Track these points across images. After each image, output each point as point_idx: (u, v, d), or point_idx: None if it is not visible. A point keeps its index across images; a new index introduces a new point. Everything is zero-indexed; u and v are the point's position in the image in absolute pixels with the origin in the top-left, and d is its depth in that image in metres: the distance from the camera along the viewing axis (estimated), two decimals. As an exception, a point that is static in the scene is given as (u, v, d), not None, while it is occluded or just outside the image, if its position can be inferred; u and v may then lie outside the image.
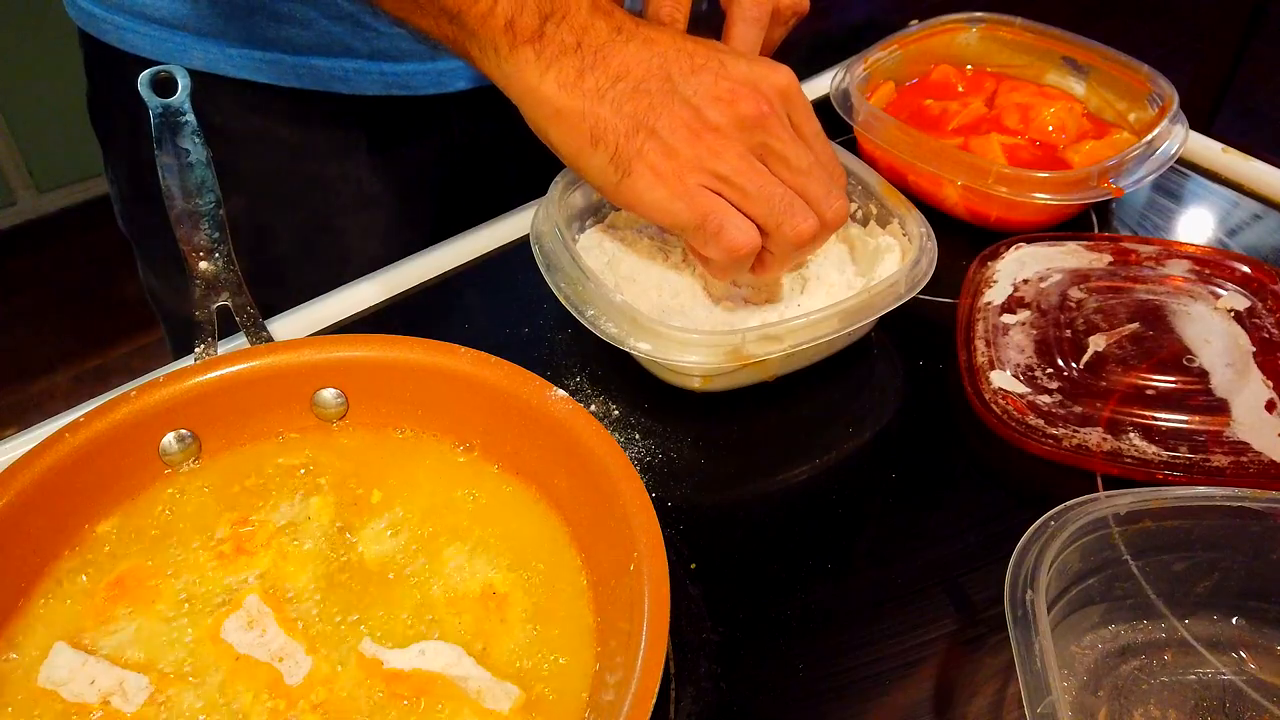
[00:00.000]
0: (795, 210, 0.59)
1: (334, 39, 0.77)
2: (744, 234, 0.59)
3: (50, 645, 0.48)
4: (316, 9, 0.75)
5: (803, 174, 0.60)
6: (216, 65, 0.77)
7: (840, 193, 0.62)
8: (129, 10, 0.77)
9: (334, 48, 0.78)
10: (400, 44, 0.78)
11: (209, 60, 0.77)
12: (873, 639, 0.54)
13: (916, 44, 0.90)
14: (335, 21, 0.76)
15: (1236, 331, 0.67)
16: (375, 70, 0.79)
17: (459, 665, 0.47)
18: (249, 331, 0.63)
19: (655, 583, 0.45)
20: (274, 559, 0.52)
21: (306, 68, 0.78)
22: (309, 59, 0.78)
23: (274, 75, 0.78)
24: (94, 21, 0.79)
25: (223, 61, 0.77)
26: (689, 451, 0.63)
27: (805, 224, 0.60)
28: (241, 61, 0.77)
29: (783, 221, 0.59)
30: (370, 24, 0.77)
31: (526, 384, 0.55)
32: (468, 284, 0.77)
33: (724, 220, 0.58)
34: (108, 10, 0.78)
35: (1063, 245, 0.74)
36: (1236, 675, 0.51)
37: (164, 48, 0.77)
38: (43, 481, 0.51)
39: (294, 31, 0.76)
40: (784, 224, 0.59)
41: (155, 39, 0.77)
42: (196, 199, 0.61)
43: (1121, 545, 0.51)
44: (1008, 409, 0.62)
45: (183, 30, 0.76)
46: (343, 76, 0.79)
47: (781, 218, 0.59)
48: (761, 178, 0.59)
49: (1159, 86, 0.81)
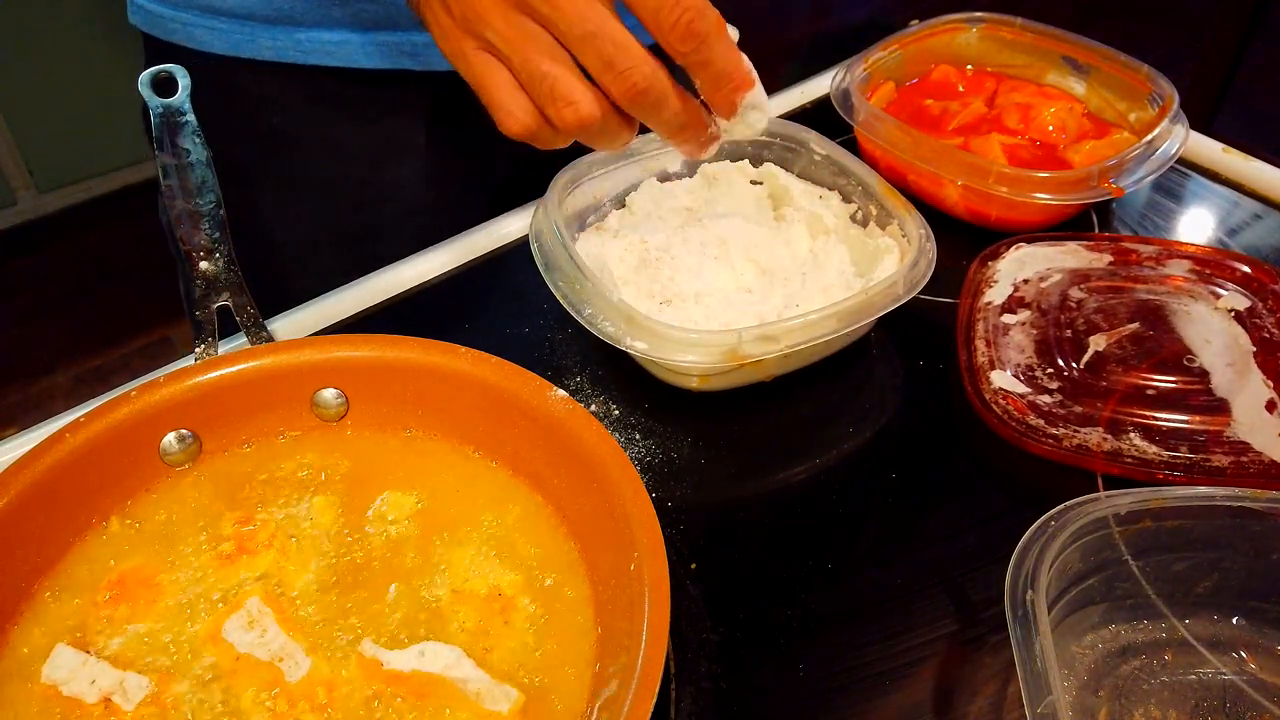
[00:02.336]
0: (557, 93, 0.51)
1: (402, 11, 0.74)
2: (511, 117, 0.52)
3: (51, 645, 0.48)
4: None
5: (574, 42, 0.50)
6: (286, 54, 0.77)
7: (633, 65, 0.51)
8: (197, 6, 0.77)
9: (403, 21, 0.77)
10: None
11: (278, 49, 0.77)
12: (873, 639, 0.54)
13: (916, 44, 0.90)
14: None
15: (1237, 331, 0.67)
16: None
17: (458, 667, 0.47)
18: (249, 331, 0.63)
19: (655, 583, 0.45)
20: (274, 559, 0.52)
21: (375, 45, 0.77)
22: (378, 34, 0.77)
23: (344, 58, 0.78)
24: (160, 22, 0.79)
25: (291, 49, 0.77)
26: (689, 451, 0.63)
27: (567, 110, 0.51)
28: (310, 46, 0.77)
29: (545, 105, 0.51)
30: None
31: (526, 384, 0.55)
32: (468, 284, 0.77)
33: (490, 97, 0.52)
34: (174, 9, 0.78)
35: (1063, 245, 0.74)
36: (1237, 675, 0.51)
37: (233, 39, 0.77)
38: (43, 481, 0.51)
39: (362, 5, 0.76)
40: (546, 108, 0.51)
41: (224, 32, 0.77)
42: (196, 199, 0.61)
43: (1122, 545, 0.51)
44: (1008, 409, 0.62)
45: (251, 20, 0.76)
46: (412, 51, 0.78)
47: (543, 101, 0.51)
48: (526, 48, 0.50)
49: (1159, 86, 0.81)
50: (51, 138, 2.21)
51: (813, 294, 0.67)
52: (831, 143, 0.74)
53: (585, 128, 0.52)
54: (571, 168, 0.71)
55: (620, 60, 0.50)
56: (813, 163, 0.76)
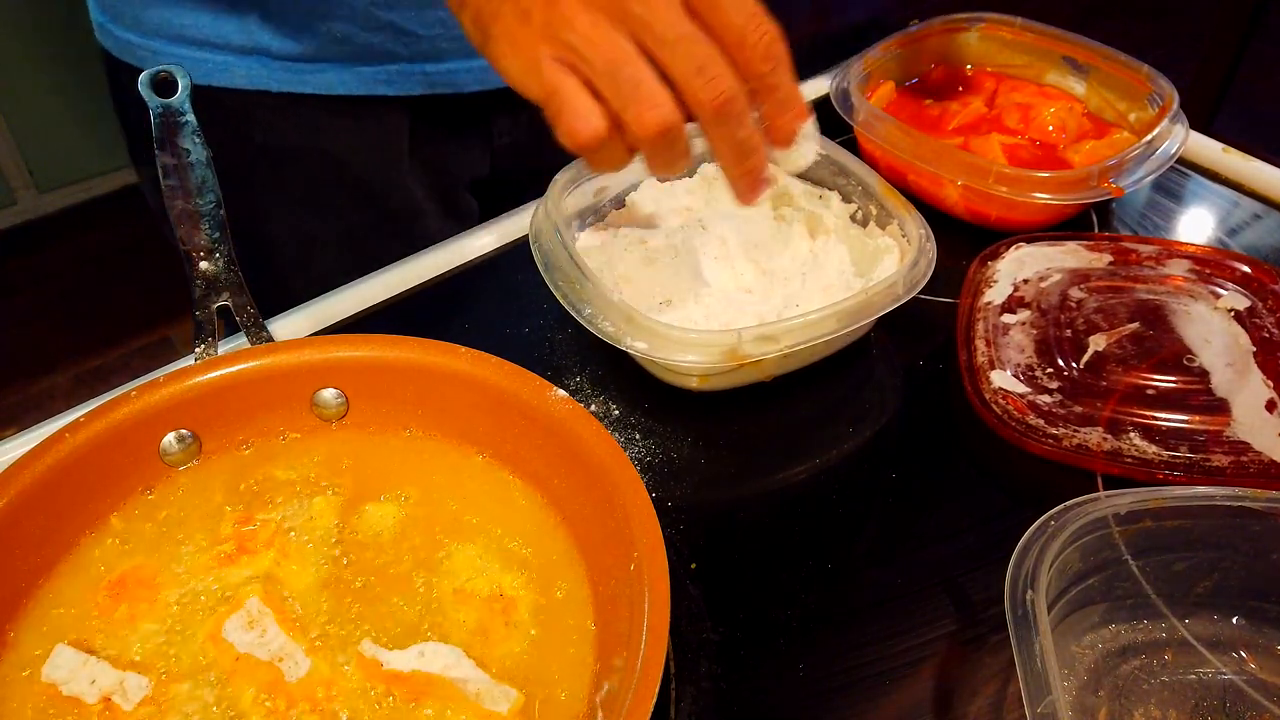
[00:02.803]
0: (640, 95, 0.50)
1: (375, 48, 0.77)
2: (583, 121, 0.51)
3: (52, 645, 0.48)
4: (355, 24, 0.76)
5: (667, 46, 0.50)
6: (261, 82, 0.78)
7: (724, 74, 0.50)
8: (169, 35, 0.76)
9: (376, 55, 0.78)
10: (440, 44, 0.79)
11: (253, 78, 0.77)
12: (873, 639, 0.54)
13: (916, 44, 0.90)
14: (374, 32, 0.76)
15: (1236, 331, 0.67)
16: (418, 71, 0.80)
17: (458, 667, 0.47)
18: (249, 331, 0.63)
19: (655, 583, 0.45)
20: (275, 559, 0.52)
21: (351, 73, 0.78)
22: (353, 66, 0.78)
23: (319, 85, 0.78)
24: (129, 49, 0.79)
25: (266, 78, 0.77)
26: (689, 451, 0.63)
27: (651, 113, 0.50)
28: (285, 76, 0.78)
29: (626, 107, 0.50)
30: (410, 29, 0.77)
31: (526, 384, 0.55)
32: (468, 284, 0.77)
33: (564, 103, 0.51)
34: (145, 37, 0.77)
35: (1063, 245, 0.74)
36: (1237, 675, 0.51)
37: (205, 68, 0.77)
38: (43, 481, 0.51)
39: (336, 48, 0.77)
40: (627, 110, 0.50)
41: (197, 60, 0.77)
42: (196, 199, 0.61)
43: (1122, 545, 0.51)
44: (1008, 409, 0.62)
45: (225, 50, 0.76)
46: (386, 80, 0.79)
47: (626, 102, 0.50)
48: (613, 51, 0.50)
49: (1159, 86, 0.81)
50: (51, 138, 2.21)
51: (813, 294, 0.67)
52: (831, 143, 0.74)
53: (664, 133, 0.51)
54: (571, 168, 0.71)
55: (711, 67, 0.50)
56: (813, 163, 0.75)
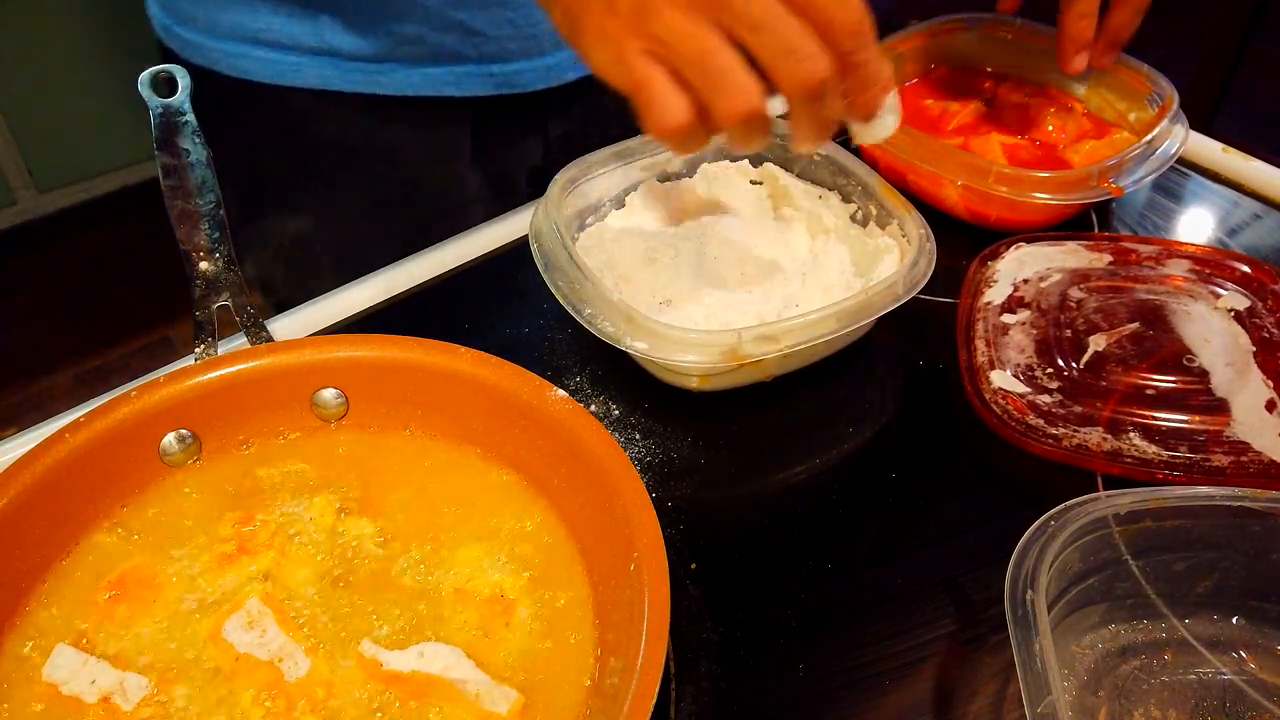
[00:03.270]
0: (729, 84, 0.50)
1: (444, 48, 0.78)
2: (671, 114, 0.51)
3: (51, 645, 0.48)
4: (427, 24, 0.76)
5: (756, 29, 0.49)
6: (331, 83, 0.78)
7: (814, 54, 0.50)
8: (241, 37, 0.77)
9: (445, 56, 0.79)
10: (507, 45, 0.80)
11: (324, 78, 0.78)
12: (873, 639, 0.54)
13: (916, 44, 0.90)
14: (445, 33, 0.78)
15: (1236, 331, 0.67)
16: (484, 72, 0.81)
17: (458, 667, 0.47)
18: (249, 331, 0.63)
19: (655, 583, 0.45)
20: (275, 559, 0.52)
21: (419, 74, 0.79)
22: (421, 67, 0.79)
23: (387, 86, 0.79)
24: (201, 50, 0.79)
25: (337, 79, 0.78)
26: (689, 451, 0.63)
27: (737, 102, 0.50)
28: (355, 77, 0.78)
29: (715, 96, 0.50)
30: (479, 30, 0.78)
31: (526, 384, 0.55)
32: (468, 284, 0.77)
33: (652, 95, 0.51)
34: (216, 39, 0.78)
35: (1063, 245, 0.74)
36: (1237, 675, 0.51)
37: (276, 69, 0.78)
38: (43, 481, 0.51)
39: (408, 49, 0.78)
40: (716, 100, 0.50)
41: (268, 61, 0.77)
42: (196, 199, 0.61)
43: (1121, 545, 0.51)
44: (1008, 409, 0.62)
45: (296, 51, 0.77)
46: (453, 81, 0.80)
47: (715, 91, 0.50)
48: (701, 41, 0.49)
49: (1159, 86, 0.81)
50: (51, 138, 2.21)
51: (813, 294, 0.67)
52: (831, 142, 0.74)
53: (750, 119, 0.51)
54: (571, 167, 0.71)
55: (803, 47, 0.50)
56: (812, 163, 0.76)
